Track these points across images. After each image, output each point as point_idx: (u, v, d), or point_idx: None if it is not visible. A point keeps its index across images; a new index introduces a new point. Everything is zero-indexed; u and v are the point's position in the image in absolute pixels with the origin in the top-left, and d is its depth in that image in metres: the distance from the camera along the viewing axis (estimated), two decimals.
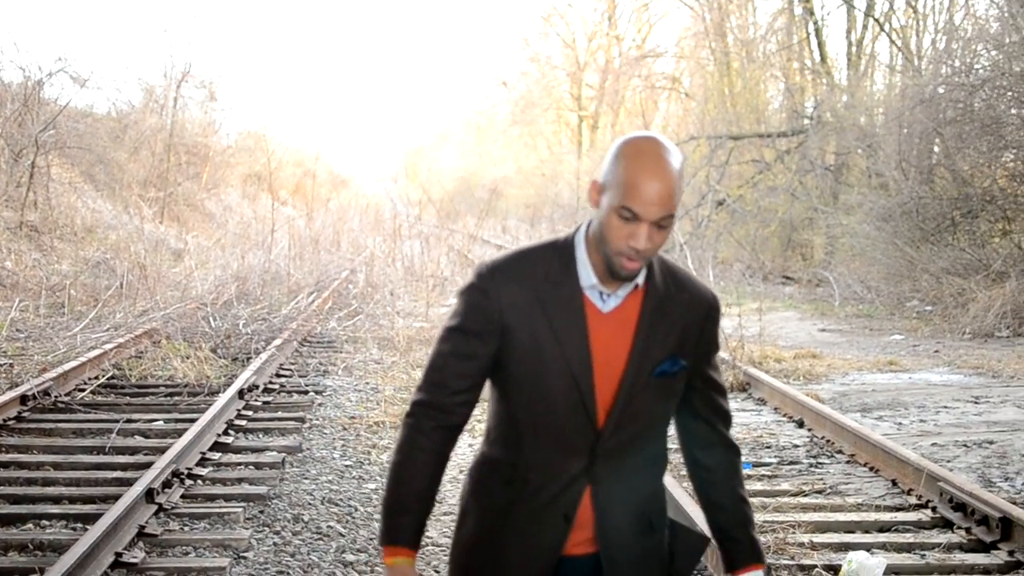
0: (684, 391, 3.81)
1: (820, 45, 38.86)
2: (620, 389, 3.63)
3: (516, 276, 3.64)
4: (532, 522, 3.71)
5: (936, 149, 29.66)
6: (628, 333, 3.64)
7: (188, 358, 15.66)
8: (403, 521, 3.69)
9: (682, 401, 3.84)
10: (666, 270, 3.73)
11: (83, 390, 13.96)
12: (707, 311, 3.76)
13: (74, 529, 8.86)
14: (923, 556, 8.55)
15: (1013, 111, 25.77)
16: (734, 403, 14.52)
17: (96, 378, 14.63)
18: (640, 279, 3.63)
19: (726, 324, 19.62)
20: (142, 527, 8.67)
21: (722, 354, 16.37)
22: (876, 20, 37.58)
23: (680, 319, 3.68)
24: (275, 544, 8.68)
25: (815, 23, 38.83)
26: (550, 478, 3.68)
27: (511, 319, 3.61)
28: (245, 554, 8.43)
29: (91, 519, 8.90)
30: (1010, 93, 25.63)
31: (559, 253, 3.67)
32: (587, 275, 3.61)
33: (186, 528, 8.98)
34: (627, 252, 3.46)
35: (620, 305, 3.64)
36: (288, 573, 8.05)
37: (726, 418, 3.94)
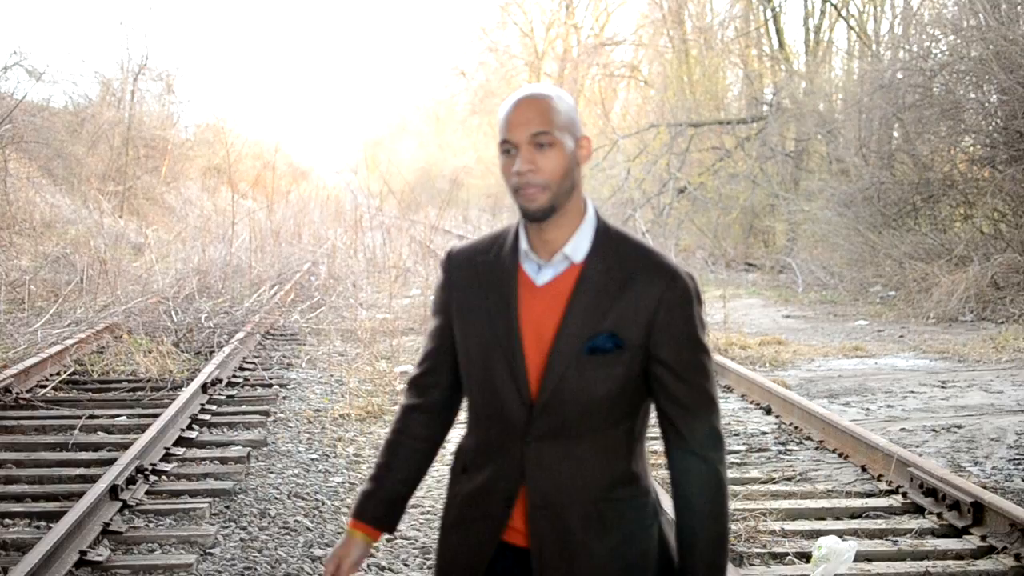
0: (650, 380, 3.55)
1: (778, 32, 38.87)
2: (548, 364, 3.51)
3: (468, 255, 3.73)
4: (477, 507, 3.67)
5: (896, 134, 29.70)
6: (559, 308, 3.53)
7: (150, 353, 15.55)
8: (375, 497, 3.85)
9: (652, 393, 3.59)
10: (620, 245, 3.58)
11: (45, 386, 13.83)
12: (661, 292, 3.49)
13: (37, 527, 8.76)
14: (895, 542, 8.52)
15: (972, 95, 25.80)
16: None
17: (58, 374, 14.49)
18: (578, 254, 3.54)
19: None
20: (106, 524, 8.57)
21: None
22: (834, 6, 37.62)
23: (621, 296, 3.49)
24: (242, 540, 8.58)
25: (772, 9, 38.85)
26: (494, 462, 3.62)
27: (457, 297, 3.70)
28: (211, 550, 8.33)
29: (55, 517, 8.80)
30: (968, 77, 25.66)
31: (510, 230, 3.71)
32: (525, 245, 3.60)
33: (151, 525, 8.89)
34: (518, 184, 3.48)
35: (556, 279, 3.55)
36: (255, 569, 7.97)
37: (694, 423, 3.56)
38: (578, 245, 3.55)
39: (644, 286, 3.49)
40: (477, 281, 3.64)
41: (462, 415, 3.81)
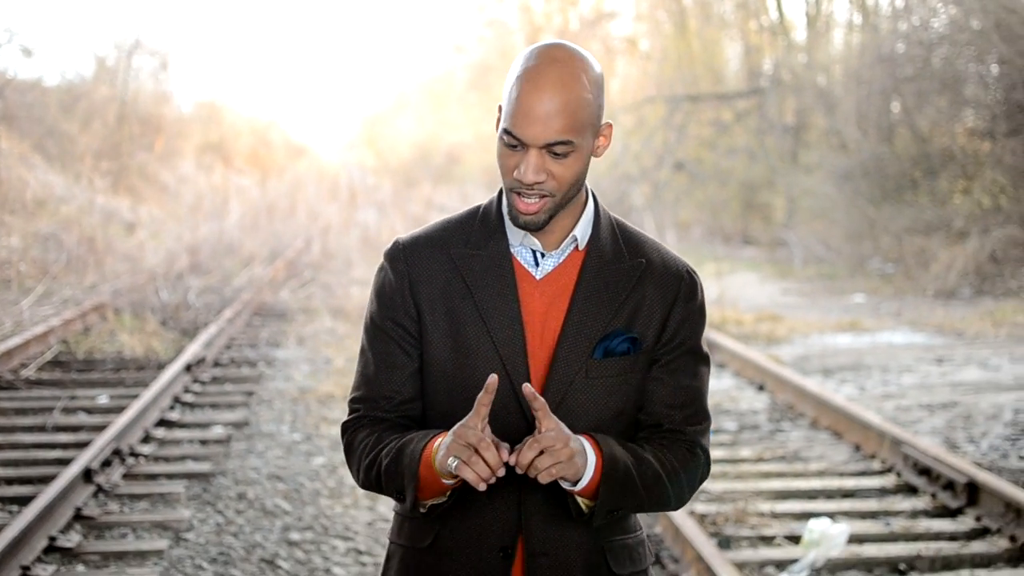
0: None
1: (778, 4, 38.60)
2: (551, 371, 2.96)
3: (430, 246, 3.06)
4: (465, 560, 3.04)
5: (895, 107, 29.45)
6: (563, 303, 2.99)
7: (136, 332, 15.33)
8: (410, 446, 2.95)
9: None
10: (622, 232, 3.08)
11: (27, 366, 13.60)
12: (678, 287, 3.03)
13: (9, 512, 8.54)
14: (888, 523, 8.32)
15: (972, 67, 25.57)
16: None
17: (41, 354, 14.25)
18: (582, 234, 3.00)
19: None
20: (79, 509, 8.37)
21: None
22: None
23: (634, 290, 3.00)
24: (217, 524, 8.38)
25: None
26: (479, 504, 3.02)
27: (424, 298, 3.02)
28: (185, 535, 8.13)
29: (26, 501, 8.59)
30: (968, 49, 25.41)
31: (485, 213, 3.08)
32: (514, 232, 3.01)
33: (125, 509, 8.68)
34: (516, 187, 2.88)
35: (557, 268, 3.00)
36: (229, 554, 7.76)
37: (681, 437, 3.06)
38: (584, 230, 3.01)
39: (660, 279, 3.03)
40: (460, 277, 3.00)
41: None
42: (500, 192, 3.10)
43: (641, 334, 3.00)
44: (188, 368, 13.05)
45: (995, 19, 23.35)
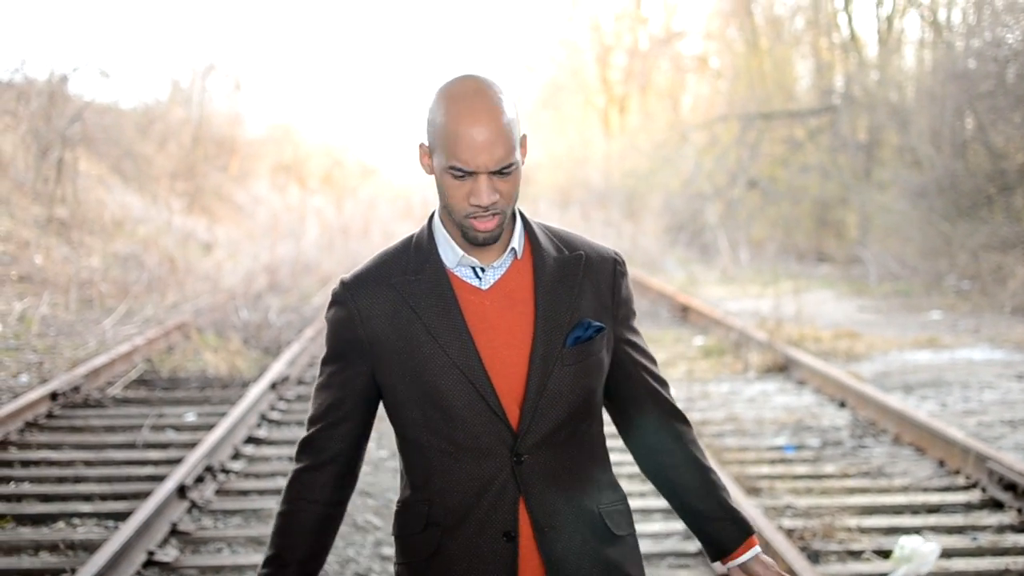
0: (612, 364, 3.41)
1: (849, 21, 38.49)
2: (531, 369, 3.23)
3: (374, 280, 3.33)
4: (470, 556, 3.27)
5: (969, 124, 29.30)
6: (522, 305, 3.28)
7: (219, 351, 15.52)
8: None
9: (612, 378, 3.42)
10: (552, 233, 3.40)
11: (112, 383, 13.80)
12: (613, 267, 3.41)
13: (106, 527, 8.72)
14: (975, 538, 8.36)
15: None
16: (772, 384, 14.37)
17: (127, 372, 14.46)
18: (519, 245, 3.31)
19: (761, 305, 19.38)
20: (175, 524, 8.53)
21: (759, 335, 16.28)
22: None
23: (585, 279, 3.34)
24: None
25: None
26: (474, 498, 3.26)
27: (376, 329, 3.30)
28: None
29: (123, 517, 8.77)
30: None
31: (418, 241, 3.35)
32: (451, 253, 3.28)
33: (220, 524, 8.83)
34: (473, 212, 3.16)
35: (504, 277, 3.30)
36: (324, 569, 7.86)
37: (665, 384, 3.50)
38: (518, 241, 3.32)
39: (600, 266, 3.40)
40: (406, 304, 3.27)
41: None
42: (430, 219, 3.38)
43: (599, 318, 3.35)
44: (273, 386, 13.21)
45: None
